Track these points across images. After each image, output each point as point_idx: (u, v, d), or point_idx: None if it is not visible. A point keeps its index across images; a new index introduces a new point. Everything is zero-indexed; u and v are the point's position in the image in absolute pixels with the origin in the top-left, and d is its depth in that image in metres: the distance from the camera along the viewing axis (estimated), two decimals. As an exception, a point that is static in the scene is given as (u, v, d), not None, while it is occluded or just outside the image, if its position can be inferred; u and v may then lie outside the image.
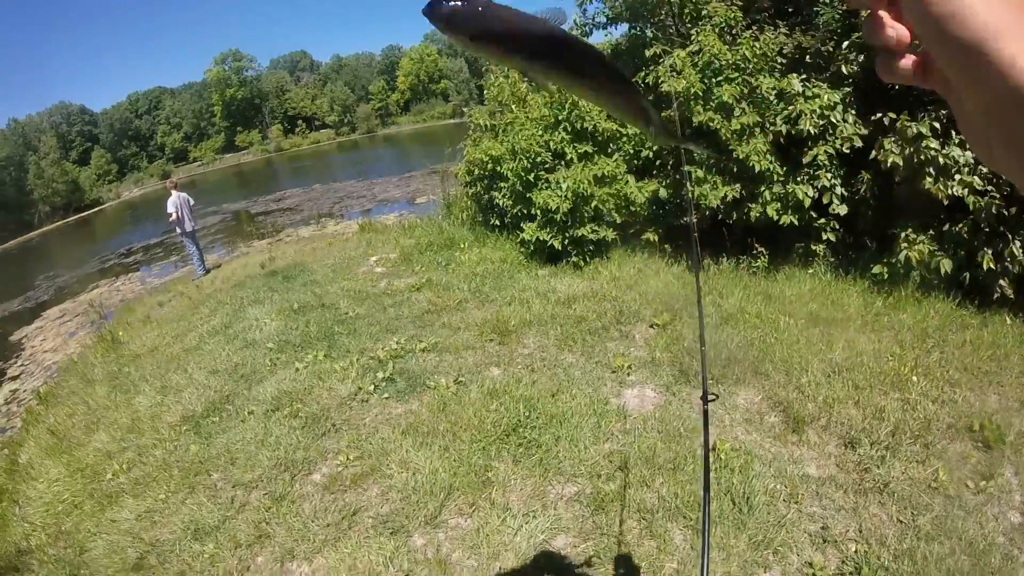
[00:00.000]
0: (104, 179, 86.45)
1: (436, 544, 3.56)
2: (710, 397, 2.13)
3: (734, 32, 7.61)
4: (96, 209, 68.73)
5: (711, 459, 4.00)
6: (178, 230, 12.34)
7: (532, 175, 7.98)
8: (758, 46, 7.12)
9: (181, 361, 6.87)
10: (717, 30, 7.46)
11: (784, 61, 7.33)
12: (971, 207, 5.94)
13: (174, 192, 12.05)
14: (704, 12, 7.72)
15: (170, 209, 11.88)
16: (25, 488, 5.28)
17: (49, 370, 10.02)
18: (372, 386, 5.38)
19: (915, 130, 6.07)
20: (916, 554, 3.11)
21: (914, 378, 4.70)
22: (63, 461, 5.40)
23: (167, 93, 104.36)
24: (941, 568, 3.01)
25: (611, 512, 3.64)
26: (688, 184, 6.95)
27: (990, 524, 3.31)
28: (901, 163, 6.22)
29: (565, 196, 7.44)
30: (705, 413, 2.10)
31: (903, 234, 6.28)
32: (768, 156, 6.95)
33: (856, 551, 3.22)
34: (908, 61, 0.45)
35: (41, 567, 4.04)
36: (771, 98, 7.02)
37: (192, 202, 12.45)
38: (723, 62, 7.16)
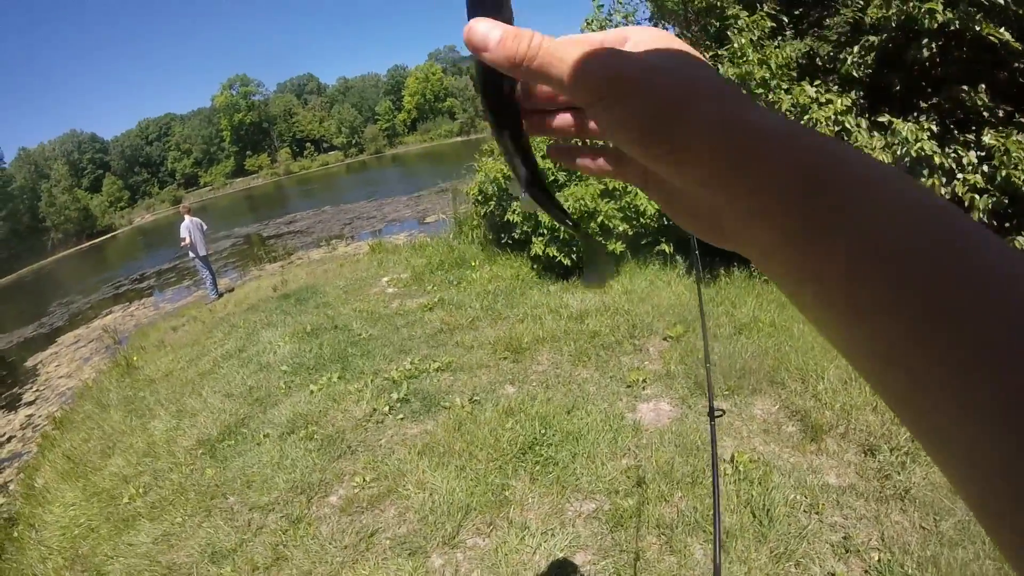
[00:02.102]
0: (116, 205, 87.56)
1: (455, 564, 3.54)
2: (717, 412, 2.12)
3: (762, 42, 7.43)
4: (109, 235, 69.37)
5: (730, 471, 3.98)
6: (191, 254, 12.42)
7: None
8: (781, 56, 6.98)
9: (196, 385, 6.89)
10: (751, 43, 7.27)
11: (796, 69, 7.25)
12: (971, 204, 5.90)
13: (187, 217, 12.14)
14: (740, 23, 7.45)
15: (183, 234, 11.98)
16: (41, 512, 5.30)
17: (64, 395, 10.05)
18: (387, 407, 5.38)
19: (905, 131, 6.04)
20: (940, 561, 3.05)
21: (932, 381, 4.63)
22: (79, 485, 5.42)
23: (177, 119, 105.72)
24: (966, 574, 2.96)
25: (630, 528, 3.61)
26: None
27: (1015, 527, 3.25)
28: (891, 160, 6.17)
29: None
30: (713, 429, 2.08)
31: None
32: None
33: (879, 560, 3.16)
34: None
35: (59, 592, 4.04)
36: (788, 111, 6.90)
37: (205, 227, 12.54)
38: (757, 79, 7.01)
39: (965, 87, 6.27)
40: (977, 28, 5.80)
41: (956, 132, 6.05)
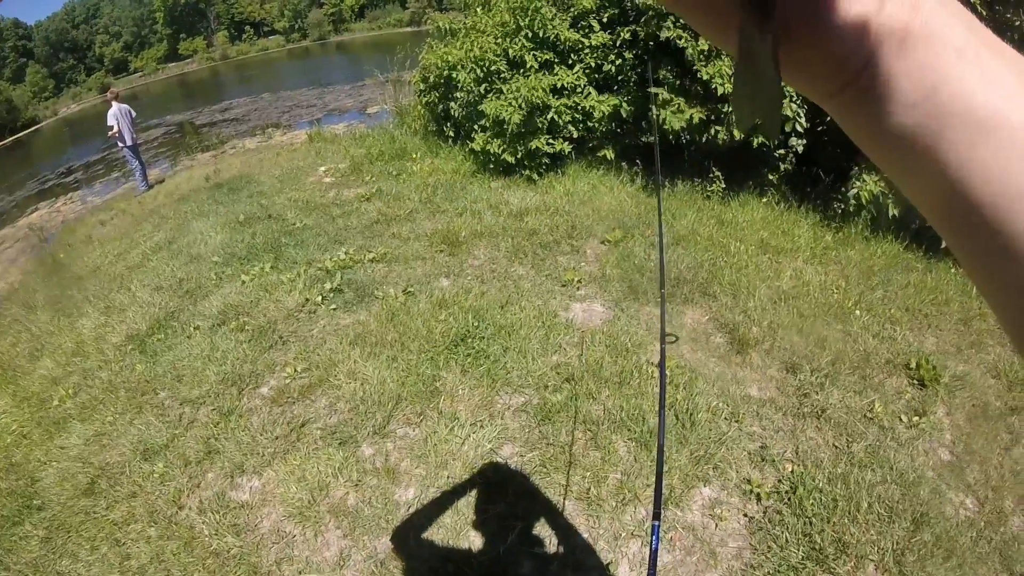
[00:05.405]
0: (40, 96, 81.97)
1: (385, 454, 3.60)
2: (670, 339, 2.09)
3: None
4: (33, 128, 65.29)
5: (654, 373, 4.08)
6: (119, 144, 11.85)
7: (484, 85, 7.76)
8: None
9: (124, 280, 6.68)
10: None
11: None
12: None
13: (115, 104, 11.44)
14: None
15: (110, 122, 11.32)
16: (-28, 426, 5.14)
17: (-10, 302, 9.66)
18: (320, 297, 5.33)
19: None
20: (849, 479, 3.23)
21: (857, 312, 4.79)
22: (8, 392, 5.20)
23: (106, 0, 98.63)
24: (872, 495, 3.14)
25: (557, 423, 3.71)
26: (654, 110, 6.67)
27: (920, 458, 3.43)
28: None
29: (519, 106, 7.24)
30: (663, 351, 2.06)
31: (855, 171, 6.25)
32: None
33: (792, 471, 3.34)
34: None
35: (-6, 504, 3.94)
36: None
37: (134, 114, 11.87)
38: None
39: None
40: None
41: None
